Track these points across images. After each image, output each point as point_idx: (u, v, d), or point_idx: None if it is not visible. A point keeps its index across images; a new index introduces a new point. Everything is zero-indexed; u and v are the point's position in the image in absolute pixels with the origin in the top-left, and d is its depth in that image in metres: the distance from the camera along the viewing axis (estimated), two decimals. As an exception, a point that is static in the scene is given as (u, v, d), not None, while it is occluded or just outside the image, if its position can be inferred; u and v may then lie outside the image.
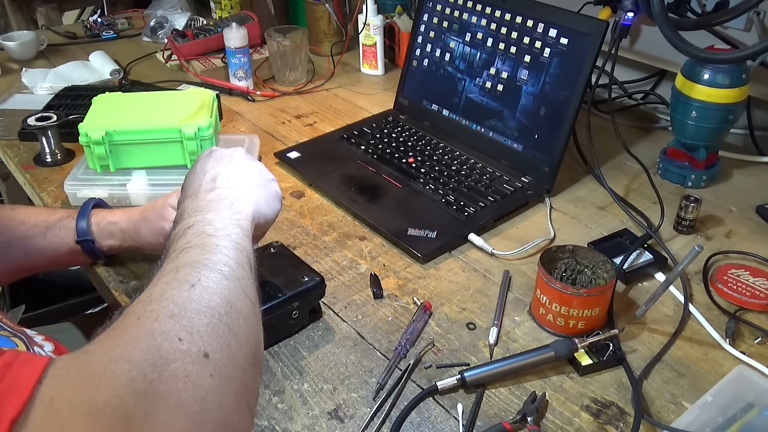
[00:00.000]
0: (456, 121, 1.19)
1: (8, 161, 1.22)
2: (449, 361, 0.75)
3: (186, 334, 0.42)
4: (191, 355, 0.41)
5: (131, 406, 0.36)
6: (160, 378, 0.38)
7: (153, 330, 0.42)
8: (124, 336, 0.42)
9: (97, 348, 0.40)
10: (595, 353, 0.74)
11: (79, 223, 0.81)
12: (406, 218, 0.98)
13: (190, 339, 0.42)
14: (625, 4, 1.03)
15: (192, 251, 0.50)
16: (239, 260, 0.52)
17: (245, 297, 0.49)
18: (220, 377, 0.42)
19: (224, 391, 0.42)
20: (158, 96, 1.20)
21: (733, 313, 0.81)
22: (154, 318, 0.43)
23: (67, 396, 0.36)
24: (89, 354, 0.40)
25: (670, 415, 0.68)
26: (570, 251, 0.82)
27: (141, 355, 0.39)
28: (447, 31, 1.19)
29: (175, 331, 0.42)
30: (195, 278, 0.47)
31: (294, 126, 1.31)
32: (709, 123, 1.01)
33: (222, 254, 0.51)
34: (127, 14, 1.90)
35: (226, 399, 0.41)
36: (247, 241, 0.56)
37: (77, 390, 0.37)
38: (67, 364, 0.38)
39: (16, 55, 1.61)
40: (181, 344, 0.41)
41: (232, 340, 0.45)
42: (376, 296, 0.85)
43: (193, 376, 0.40)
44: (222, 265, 0.50)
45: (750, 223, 0.99)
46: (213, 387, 0.41)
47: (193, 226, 0.54)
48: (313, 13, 1.61)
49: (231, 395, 0.42)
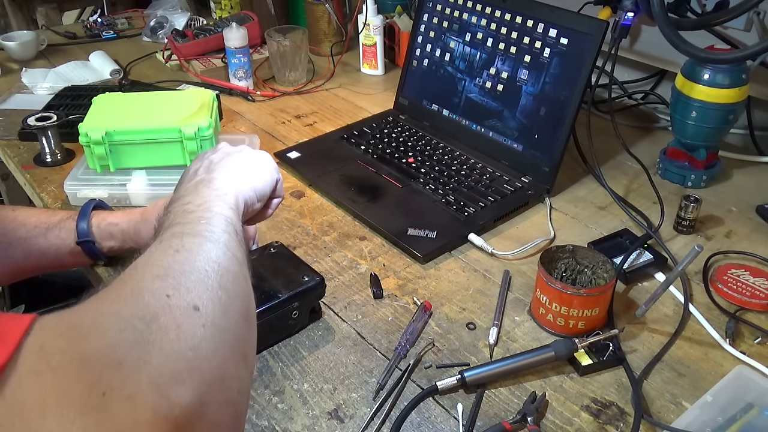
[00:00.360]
0: (456, 121, 1.19)
1: (8, 161, 1.22)
2: (449, 361, 0.75)
3: (174, 291, 0.42)
4: (180, 309, 0.41)
5: (123, 352, 0.36)
6: (150, 329, 0.38)
7: (140, 288, 0.42)
8: (112, 294, 0.42)
9: (84, 305, 0.40)
10: (595, 353, 0.74)
11: (79, 224, 0.82)
12: (406, 218, 0.98)
13: (178, 295, 0.42)
14: (625, 4, 1.03)
15: (174, 227, 0.51)
16: (223, 227, 0.52)
17: (233, 257, 0.49)
18: (213, 327, 0.41)
19: (218, 340, 0.41)
20: (158, 96, 1.20)
21: (733, 313, 0.81)
22: (140, 279, 0.43)
23: (57, 344, 0.35)
24: (77, 310, 0.39)
25: (670, 415, 0.68)
26: (570, 251, 0.82)
27: (130, 311, 0.39)
28: (447, 31, 1.19)
29: (162, 289, 0.42)
30: (178, 244, 0.47)
31: (294, 126, 1.31)
32: (709, 123, 1.01)
33: (203, 223, 0.51)
34: (127, 14, 1.90)
35: (221, 347, 0.41)
36: (230, 212, 0.56)
37: (67, 339, 0.36)
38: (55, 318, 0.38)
39: (16, 55, 1.61)
40: (170, 300, 0.41)
41: (222, 294, 0.44)
42: (376, 296, 0.85)
43: (184, 327, 0.40)
44: (205, 231, 0.50)
45: (750, 223, 0.99)
46: (206, 336, 0.40)
47: (174, 210, 0.54)
48: (313, 13, 1.61)
49: (225, 344, 0.42)
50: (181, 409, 0.36)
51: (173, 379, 0.37)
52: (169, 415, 0.35)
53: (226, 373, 0.41)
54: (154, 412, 0.35)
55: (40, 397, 0.33)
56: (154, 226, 0.55)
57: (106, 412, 0.34)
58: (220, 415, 0.39)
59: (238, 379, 0.43)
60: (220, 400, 0.39)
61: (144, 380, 0.35)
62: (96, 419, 0.33)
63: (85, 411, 0.33)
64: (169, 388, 0.36)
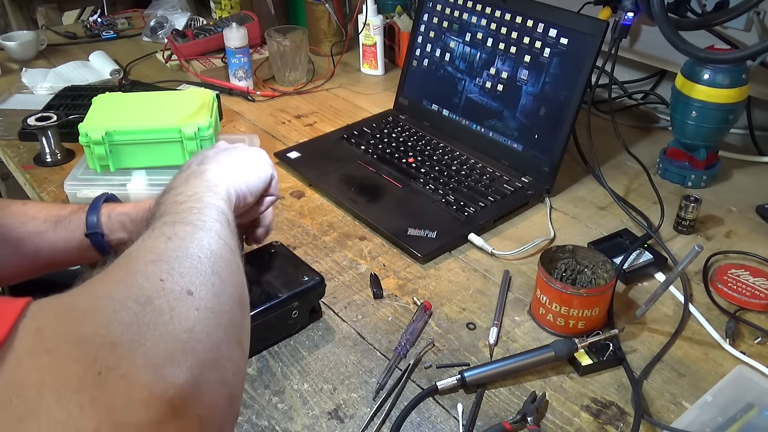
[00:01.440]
0: (456, 121, 1.19)
1: (8, 161, 1.22)
2: (449, 361, 0.75)
3: (167, 275, 0.42)
4: (174, 292, 0.41)
5: (118, 333, 0.37)
6: (144, 311, 0.39)
7: (134, 272, 0.42)
8: (106, 278, 0.42)
9: (79, 289, 0.41)
10: (595, 353, 0.74)
11: (89, 217, 0.81)
12: (406, 218, 0.98)
13: (172, 279, 0.42)
14: (625, 4, 1.03)
15: (165, 217, 0.51)
16: (214, 216, 0.53)
17: (225, 245, 0.50)
18: (206, 311, 0.42)
19: (212, 323, 0.42)
20: (158, 96, 1.20)
21: (733, 313, 0.81)
22: (134, 263, 0.44)
23: (53, 326, 0.36)
24: (72, 294, 0.40)
25: (670, 415, 0.68)
26: (570, 251, 0.82)
27: (124, 293, 0.40)
28: (447, 31, 1.19)
29: (156, 273, 0.42)
30: (170, 232, 0.48)
31: (294, 126, 1.31)
32: (709, 123, 1.01)
33: (195, 212, 0.52)
34: (127, 14, 1.90)
35: (214, 330, 0.42)
36: (221, 203, 0.56)
37: (63, 321, 0.37)
38: (50, 301, 0.38)
39: (16, 55, 1.61)
40: (164, 284, 0.41)
41: (215, 279, 0.45)
42: (376, 296, 0.85)
43: (178, 310, 0.40)
44: (196, 220, 0.51)
45: (750, 223, 0.99)
46: (200, 319, 0.41)
47: (165, 201, 0.55)
48: (313, 13, 1.61)
49: (219, 327, 0.42)
50: (176, 388, 0.36)
51: (168, 360, 0.37)
52: (164, 395, 0.36)
53: (219, 354, 0.41)
54: (150, 392, 0.35)
55: (38, 376, 0.34)
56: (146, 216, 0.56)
57: (102, 390, 0.34)
58: (215, 395, 0.40)
59: (233, 361, 0.43)
60: (214, 381, 0.40)
61: (139, 360, 0.36)
62: (92, 396, 0.34)
63: (81, 389, 0.34)
64: (163, 369, 0.36)
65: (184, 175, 0.60)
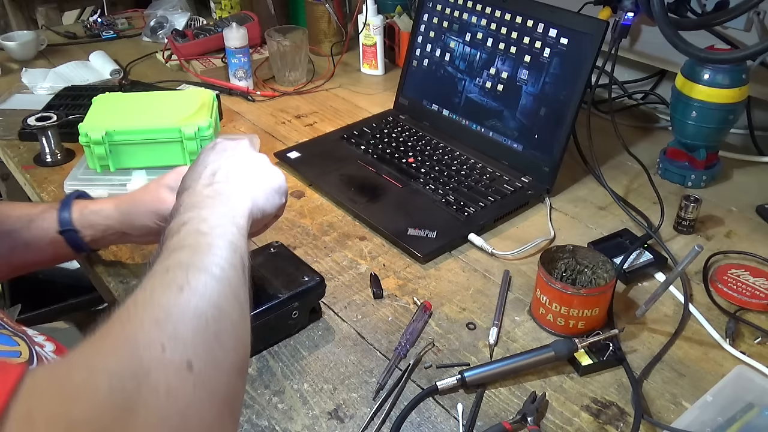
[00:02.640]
0: (456, 121, 1.19)
1: (8, 161, 1.22)
2: (449, 361, 0.75)
3: (169, 342, 0.41)
4: (174, 364, 0.40)
5: (108, 420, 0.36)
6: (139, 389, 0.38)
7: (136, 338, 0.41)
8: (106, 344, 0.41)
9: (77, 357, 0.40)
10: (595, 353, 0.74)
11: (61, 214, 0.80)
12: (406, 218, 0.98)
13: (174, 347, 0.41)
14: (625, 4, 1.03)
15: (184, 251, 0.49)
16: (232, 261, 0.51)
17: (235, 301, 0.49)
18: (203, 389, 0.41)
19: (207, 402, 0.41)
20: (158, 96, 1.20)
21: (733, 313, 0.81)
22: (139, 324, 0.42)
23: (44, 409, 0.36)
24: (69, 364, 0.40)
25: (670, 415, 0.68)
26: (570, 251, 0.82)
27: (121, 366, 0.39)
28: (447, 31, 1.19)
29: (158, 339, 0.41)
30: (183, 280, 0.46)
31: (294, 126, 1.31)
32: (709, 123, 1.01)
33: (214, 255, 0.50)
34: (127, 14, 1.90)
35: (208, 411, 0.41)
36: (242, 240, 0.55)
37: (55, 403, 0.36)
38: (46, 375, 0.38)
39: (16, 55, 1.61)
40: (164, 353, 0.41)
41: (218, 348, 0.44)
42: (376, 296, 0.85)
43: (174, 389, 0.40)
44: (213, 266, 0.49)
45: (750, 223, 0.99)
46: (194, 399, 0.40)
47: (188, 223, 0.53)
48: (313, 13, 1.61)
49: (214, 406, 0.42)
50: None
51: None
52: None
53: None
54: None
55: None
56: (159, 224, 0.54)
57: None
58: None
59: None
60: None
61: None
62: None
63: None
64: None
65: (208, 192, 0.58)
